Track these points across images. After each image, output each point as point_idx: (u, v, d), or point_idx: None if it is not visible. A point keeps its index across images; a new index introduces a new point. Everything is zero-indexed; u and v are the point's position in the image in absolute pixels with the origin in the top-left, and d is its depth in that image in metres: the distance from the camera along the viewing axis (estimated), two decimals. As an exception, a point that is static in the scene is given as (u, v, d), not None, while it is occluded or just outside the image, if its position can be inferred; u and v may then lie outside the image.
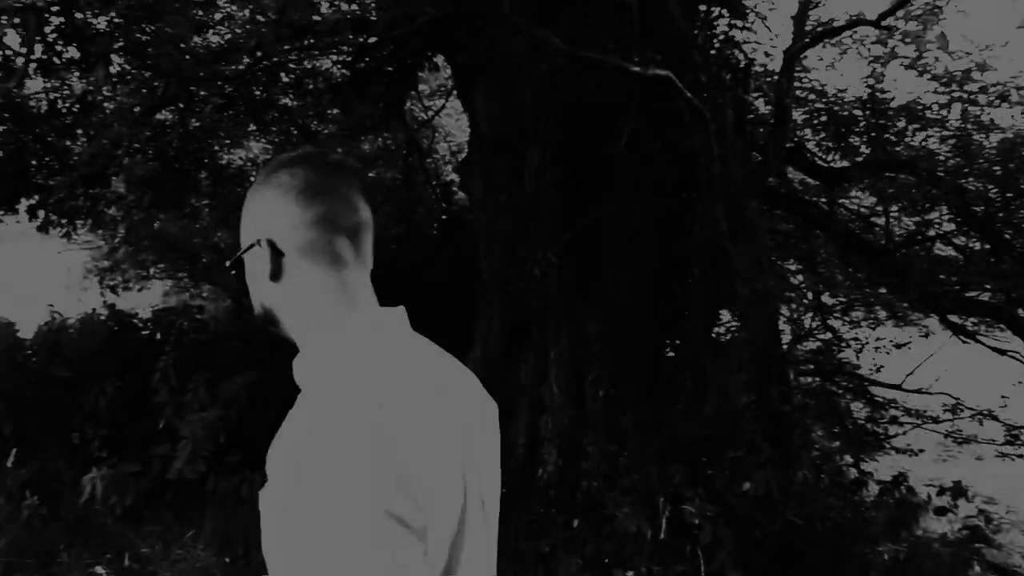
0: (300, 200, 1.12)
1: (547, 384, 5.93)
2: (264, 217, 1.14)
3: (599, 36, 4.96)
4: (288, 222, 1.12)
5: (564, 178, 5.84)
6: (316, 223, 1.12)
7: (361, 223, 1.18)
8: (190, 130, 6.50)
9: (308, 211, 1.11)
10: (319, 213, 1.12)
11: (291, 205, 1.12)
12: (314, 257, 1.12)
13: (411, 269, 7.61)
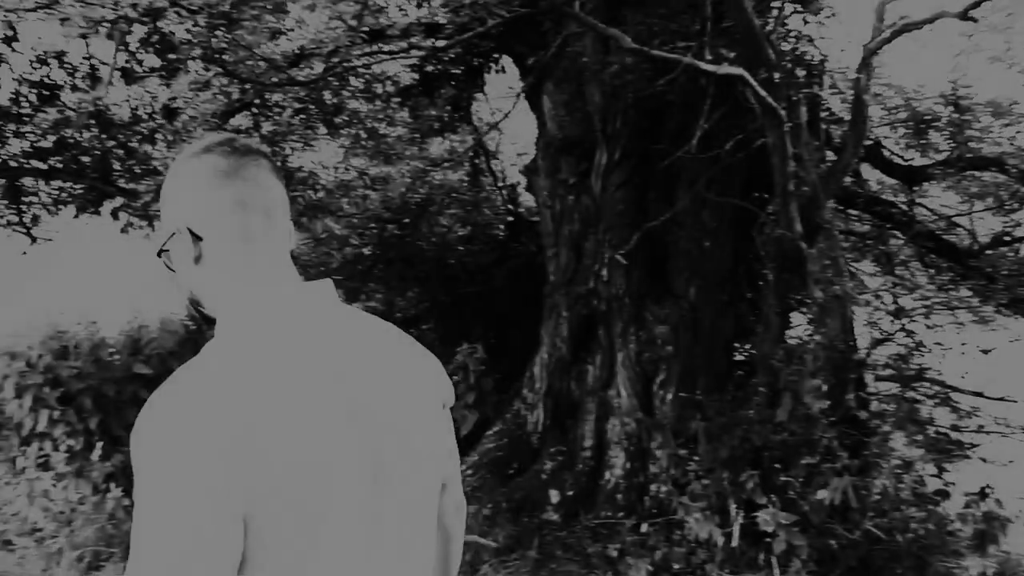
0: (212, 184, 1.16)
1: (614, 387, 5.88)
2: (180, 204, 1.18)
3: (668, 34, 4.90)
4: (203, 207, 1.15)
5: (632, 178, 5.79)
6: (228, 205, 1.15)
7: (273, 202, 1.20)
8: (263, 134, 6.66)
9: (220, 194, 1.15)
10: (230, 195, 1.15)
11: (203, 191, 1.16)
12: (229, 238, 1.15)
13: (478, 271, 7.65)
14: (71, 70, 7.78)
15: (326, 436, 1.03)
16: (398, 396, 1.18)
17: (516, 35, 6.26)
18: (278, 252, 1.19)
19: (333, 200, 8.27)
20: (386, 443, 1.12)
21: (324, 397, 1.06)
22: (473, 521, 5.33)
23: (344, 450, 1.05)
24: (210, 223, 1.15)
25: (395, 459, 1.13)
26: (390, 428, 1.13)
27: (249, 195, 1.17)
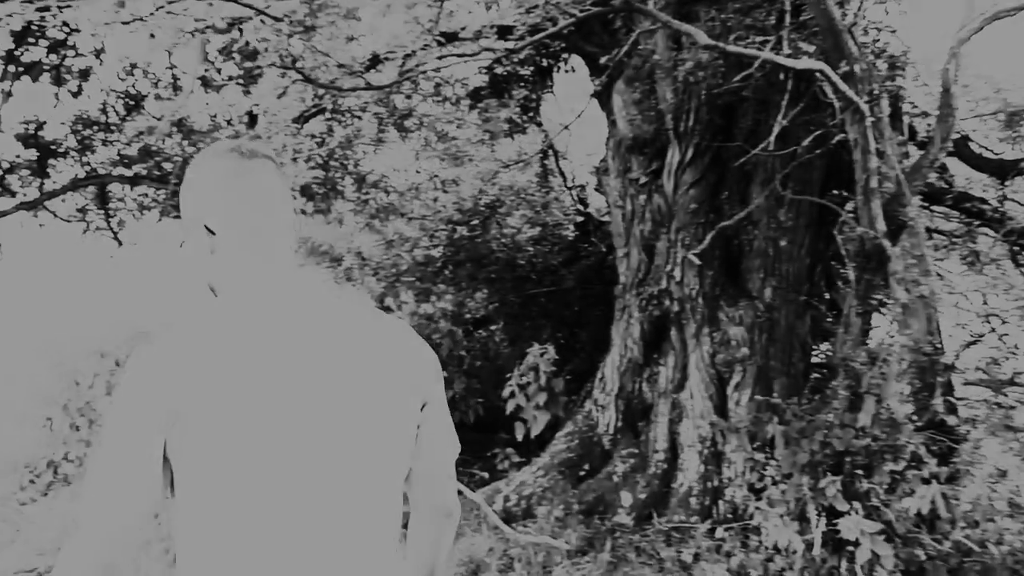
0: (222, 187, 1.36)
1: (687, 389, 5.79)
2: (197, 203, 1.38)
3: (743, 29, 4.79)
4: (215, 207, 1.35)
5: (705, 177, 5.69)
6: (236, 205, 1.35)
7: (273, 200, 1.40)
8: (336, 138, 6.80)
9: (229, 196, 1.36)
10: (238, 197, 1.36)
11: (215, 192, 1.36)
12: (237, 233, 1.35)
13: (547, 271, 7.63)
14: (155, 80, 8.10)
15: (250, 402, 1.21)
16: (343, 380, 1.30)
17: (586, 35, 6.23)
18: (278, 243, 1.39)
19: (404, 202, 8.38)
20: (318, 418, 1.25)
21: (262, 370, 1.24)
22: (544, 522, 5.33)
23: (265, 417, 1.21)
24: (222, 220, 1.35)
25: (325, 434, 1.26)
26: (326, 406, 1.26)
27: (254, 195, 1.37)
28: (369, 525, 1.31)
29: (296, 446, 1.22)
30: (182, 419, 1.18)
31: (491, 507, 5.50)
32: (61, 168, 8.39)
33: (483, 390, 7.14)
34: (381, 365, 1.35)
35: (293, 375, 1.25)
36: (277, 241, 1.38)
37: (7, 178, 8.18)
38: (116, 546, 1.19)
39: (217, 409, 1.19)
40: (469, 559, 4.81)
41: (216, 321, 1.28)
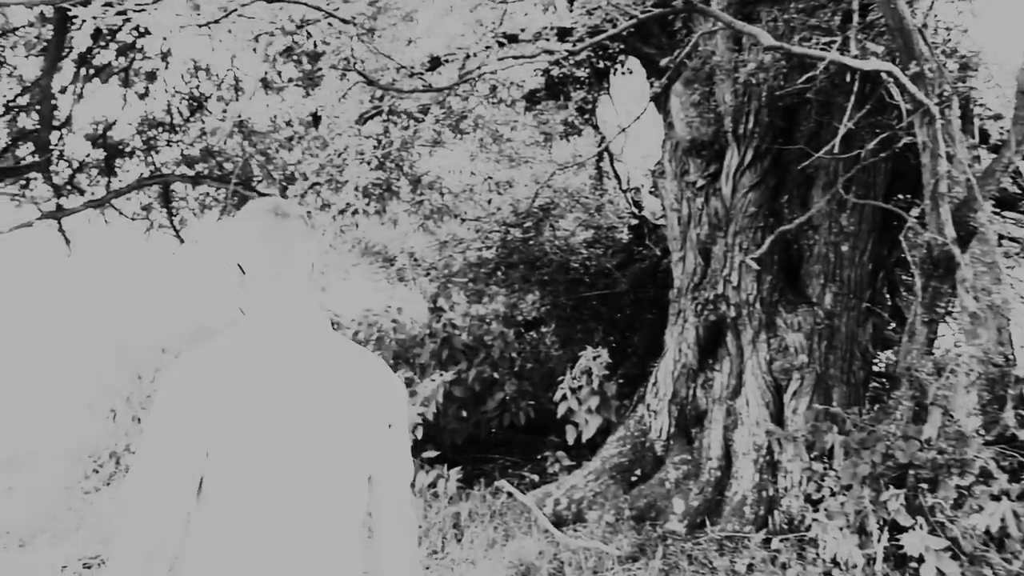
0: (255, 240, 1.75)
1: (743, 396, 5.69)
2: (235, 247, 1.77)
3: (807, 30, 4.69)
4: (248, 254, 1.75)
5: (764, 180, 5.59)
6: (266, 257, 1.75)
7: (295, 254, 1.79)
8: (393, 140, 6.85)
9: (260, 247, 1.75)
10: (268, 250, 1.75)
11: (250, 243, 1.75)
12: (261, 276, 1.74)
13: (600, 274, 7.58)
14: (217, 82, 8.29)
15: (261, 422, 1.59)
16: (333, 408, 1.70)
17: (644, 36, 6.17)
18: (292, 288, 1.76)
19: (458, 204, 8.41)
20: (311, 439, 1.64)
21: (269, 394, 1.62)
22: (595, 527, 5.29)
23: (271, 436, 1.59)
24: (251, 266, 1.74)
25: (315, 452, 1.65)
26: (319, 429, 1.66)
27: (279, 251, 1.76)
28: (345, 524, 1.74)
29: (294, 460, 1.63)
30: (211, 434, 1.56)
31: (541, 510, 5.48)
32: (127, 167, 8.64)
33: (534, 393, 7.13)
34: (363, 394, 1.77)
35: (295, 401, 1.66)
36: (292, 286, 1.77)
37: (77, 177, 8.46)
38: (164, 531, 1.53)
39: (236, 428, 1.58)
40: (519, 561, 4.79)
41: (234, 353, 1.67)
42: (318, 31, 3.00)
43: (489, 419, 6.78)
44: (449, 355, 6.94)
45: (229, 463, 1.56)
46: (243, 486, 1.58)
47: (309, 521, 1.66)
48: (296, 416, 1.63)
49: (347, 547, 1.73)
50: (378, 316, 7.27)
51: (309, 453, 1.64)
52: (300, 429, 1.63)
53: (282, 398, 1.63)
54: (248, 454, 1.57)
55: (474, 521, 5.30)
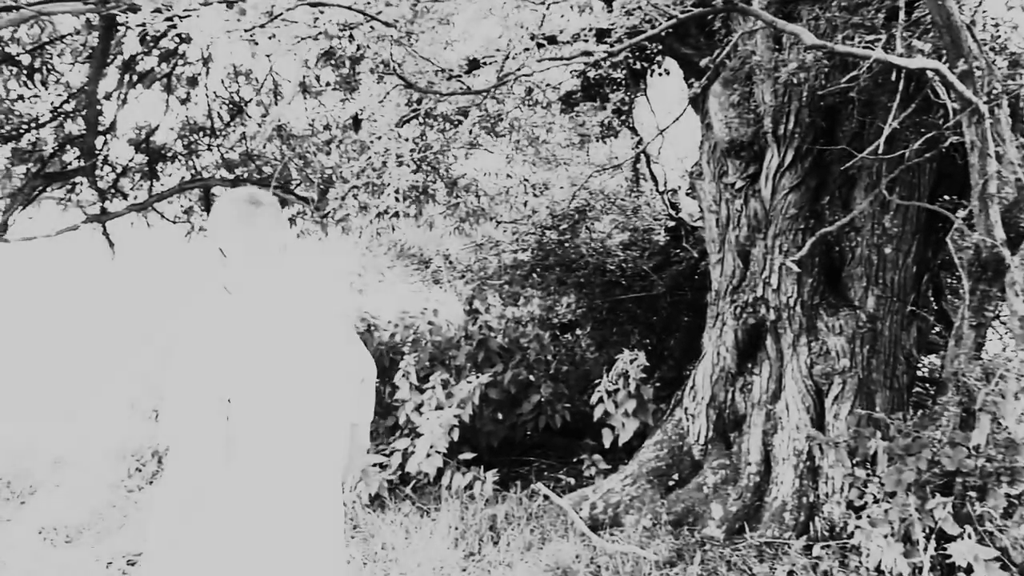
0: (233, 226, 2.07)
1: (782, 400, 5.61)
2: (216, 233, 2.09)
3: (850, 28, 4.61)
4: (228, 238, 2.07)
5: (805, 181, 5.50)
6: (241, 239, 2.05)
7: (268, 236, 2.10)
8: (429, 143, 6.88)
9: (236, 233, 2.06)
10: (243, 235, 2.06)
11: (228, 229, 2.07)
12: (239, 254, 2.04)
13: (637, 276, 7.53)
14: (257, 87, 8.40)
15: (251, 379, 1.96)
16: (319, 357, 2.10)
17: (682, 37, 6.13)
18: (268, 262, 2.08)
19: (494, 206, 8.42)
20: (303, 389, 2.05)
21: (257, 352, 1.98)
22: (632, 531, 5.25)
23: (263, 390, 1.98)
24: (230, 247, 2.06)
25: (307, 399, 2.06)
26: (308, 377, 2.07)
27: (254, 234, 2.06)
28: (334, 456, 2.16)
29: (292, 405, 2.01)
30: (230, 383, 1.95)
31: (578, 514, 5.46)
32: (169, 171, 8.80)
33: (569, 396, 7.11)
34: (338, 354, 2.17)
35: (281, 354, 2.03)
36: (267, 261, 2.09)
37: (120, 181, 8.63)
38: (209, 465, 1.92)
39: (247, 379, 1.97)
40: (556, 565, 4.77)
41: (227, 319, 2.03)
42: (359, 35, 3.02)
43: (525, 422, 6.77)
44: (485, 357, 6.95)
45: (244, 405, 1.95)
46: (255, 423, 1.96)
47: (308, 453, 2.06)
48: (288, 371, 2.03)
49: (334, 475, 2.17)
50: (414, 318, 7.31)
51: (302, 399, 2.04)
52: (294, 382, 2.03)
53: (275, 356, 2.01)
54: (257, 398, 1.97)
55: (510, 524, 5.29)
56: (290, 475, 2.01)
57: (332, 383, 2.12)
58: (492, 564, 4.77)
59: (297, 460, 2.04)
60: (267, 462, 1.98)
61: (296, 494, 2.02)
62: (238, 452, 1.93)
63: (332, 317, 2.19)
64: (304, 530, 2.04)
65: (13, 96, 7.78)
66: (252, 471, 1.96)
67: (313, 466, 2.07)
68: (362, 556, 4.81)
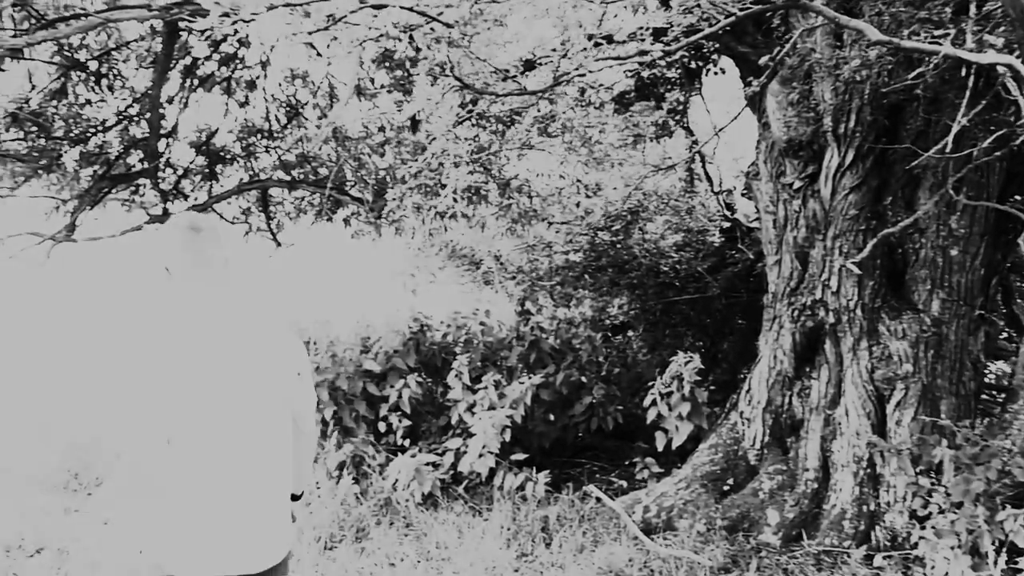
0: (177, 249, 2.35)
1: (842, 405, 5.47)
2: (161, 254, 2.37)
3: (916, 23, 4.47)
4: (172, 259, 2.35)
5: (866, 181, 5.36)
6: (187, 260, 2.35)
7: (211, 255, 2.38)
8: (483, 144, 6.90)
9: (181, 256, 2.35)
10: (189, 257, 2.35)
11: (173, 251, 2.36)
12: (182, 271, 2.35)
13: (691, 278, 7.43)
14: (313, 90, 8.54)
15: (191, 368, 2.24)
16: (253, 354, 2.36)
17: (738, 35, 6.03)
18: (209, 277, 2.37)
19: (546, 207, 8.41)
20: (237, 378, 2.30)
21: (196, 347, 2.26)
22: (686, 536, 5.18)
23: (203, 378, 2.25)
24: (174, 267, 2.35)
25: (244, 388, 2.31)
26: (243, 369, 2.32)
27: (195, 255, 2.35)
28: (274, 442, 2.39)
29: (219, 396, 2.26)
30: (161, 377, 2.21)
31: (631, 517, 5.41)
32: (228, 173, 9.00)
33: (621, 398, 7.05)
34: (275, 353, 2.42)
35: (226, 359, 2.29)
36: (209, 274, 2.36)
37: (181, 182, 8.86)
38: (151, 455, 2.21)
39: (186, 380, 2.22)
40: (608, 568, 4.74)
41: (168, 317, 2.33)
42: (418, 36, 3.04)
43: (576, 423, 6.74)
44: (537, 358, 6.94)
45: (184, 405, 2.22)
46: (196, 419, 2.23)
47: (247, 445, 2.31)
48: (229, 369, 2.29)
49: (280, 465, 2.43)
50: (466, 319, 7.33)
51: (242, 394, 2.30)
52: (234, 380, 2.29)
53: (215, 357, 2.27)
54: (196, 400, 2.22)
55: (562, 525, 5.27)
56: (235, 459, 2.29)
57: (268, 374, 2.38)
58: (544, 565, 4.76)
59: (242, 445, 2.30)
60: (215, 446, 2.26)
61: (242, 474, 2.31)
62: (188, 437, 2.23)
63: (269, 318, 2.47)
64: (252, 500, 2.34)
65: (81, 101, 8.06)
66: (202, 454, 2.25)
67: (257, 451, 2.34)
68: (416, 554, 4.84)
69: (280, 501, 2.45)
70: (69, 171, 8.14)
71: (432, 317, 7.45)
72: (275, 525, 2.41)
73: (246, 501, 2.32)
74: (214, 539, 2.27)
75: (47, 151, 7.77)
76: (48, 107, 7.75)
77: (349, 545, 5.01)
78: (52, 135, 7.73)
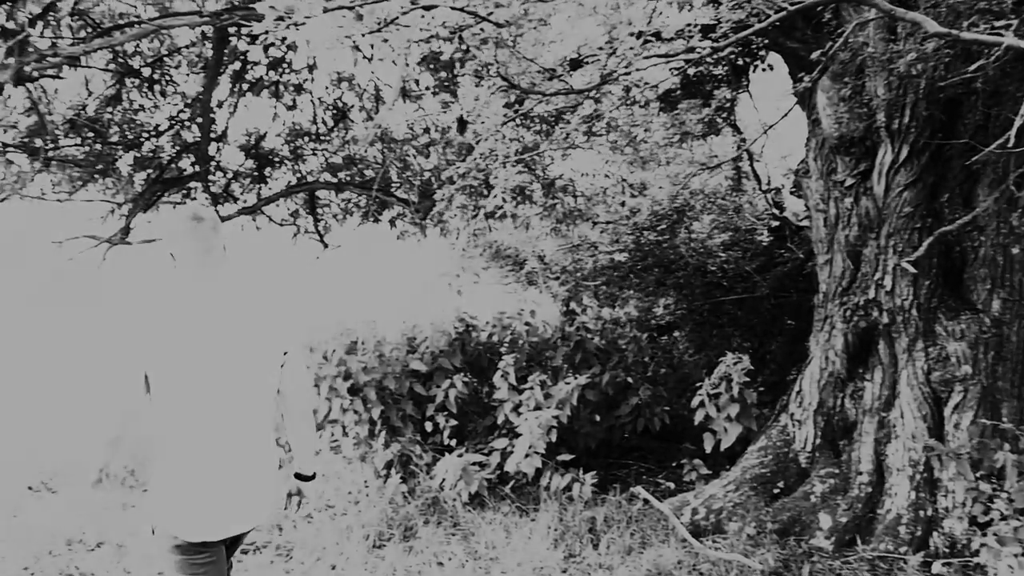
0: (181, 236, 2.64)
1: (897, 408, 5.34)
2: (167, 241, 2.67)
3: (974, 14, 4.34)
4: (176, 245, 2.65)
5: (921, 177, 5.23)
6: (189, 246, 2.63)
7: (210, 242, 2.67)
8: (527, 144, 6.90)
9: (184, 242, 2.64)
10: (191, 243, 2.63)
11: (177, 238, 2.65)
12: (186, 257, 2.64)
13: (739, 278, 7.32)
14: (359, 92, 8.63)
15: (191, 342, 2.52)
16: (246, 333, 2.65)
17: (787, 30, 5.92)
18: (209, 261, 2.66)
19: (590, 207, 8.36)
20: (232, 354, 2.59)
21: (196, 325, 2.55)
22: (735, 539, 5.12)
23: (200, 352, 2.53)
24: (179, 251, 2.65)
25: (237, 363, 2.61)
26: (236, 346, 2.61)
27: (197, 242, 2.64)
28: (261, 416, 2.72)
29: (215, 369, 2.56)
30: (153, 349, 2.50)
31: (679, 519, 5.36)
32: (276, 176, 9.14)
33: (668, 398, 6.99)
34: (264, 330, 2.71)
35: (212, 332, 2.56)
36: (208, 260, 2.66)
37: (231, 185, 9.03)
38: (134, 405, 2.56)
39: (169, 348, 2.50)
40: (656, 570, 4.70)
41: (171, 296, 2.61)
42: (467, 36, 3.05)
43: (623, 424, 6.69)
44: (582, 359, 6.92)
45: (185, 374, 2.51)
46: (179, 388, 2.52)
47: (240, 412, 2.62)
48: (223, 343, 2.57)
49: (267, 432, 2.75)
50: (511, 319, 7.33)
51: (236, 366, 2.59)
52: (228, 352, 2.57)
53: (203, 328, 2.55)
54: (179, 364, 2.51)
55: (610, 527, 5.24)
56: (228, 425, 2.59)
57: (257, 348, 2.67)
58: (592, 567, 4.74)
59: (235, 412, 2.61)
60: (211, 413, 2.55)
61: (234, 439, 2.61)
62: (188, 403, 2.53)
63: (262, 299, 2.75)
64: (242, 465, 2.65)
65: (135, 106, 8.26)
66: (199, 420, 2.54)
67: (247, 418, 2.65)
68: (464, 554, 4.86)
69: (267, 466, 2.76)
70: (123, 175, 8.35)
71: (477, 317, 7.47)
72: (264, 487, 2.74)
73: (238, 465, 2.63)
74: (213, 502, 2.58)
75: (103, 156, 7.98)
76: (104, 113, 7.96)
77: (397, 544, 5.05)
78: (108, 140, 7.94)
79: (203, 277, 2.64)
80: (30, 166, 7.48)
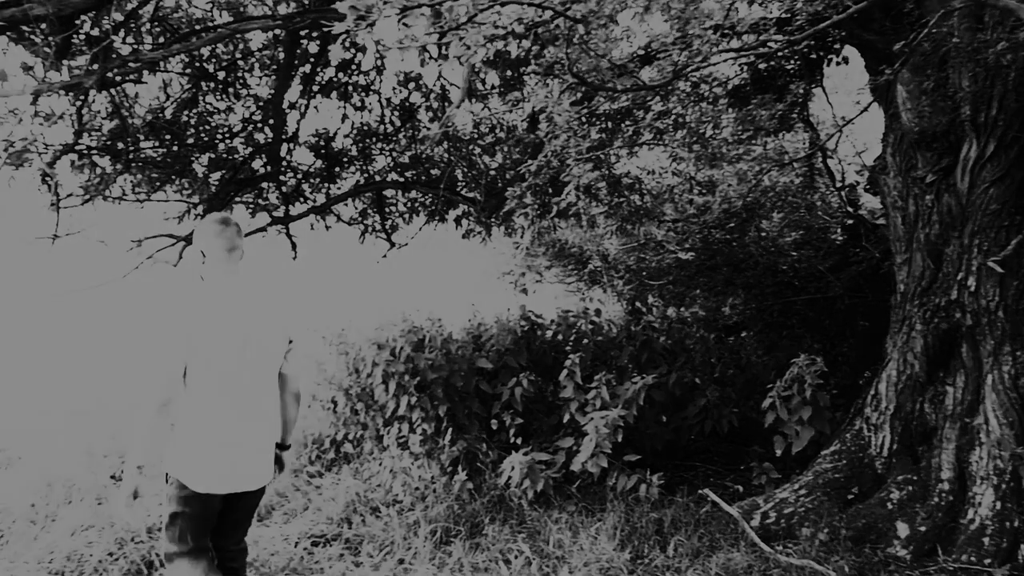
0: (212, 236, 3.21)
1: (981, 413, 5.12)
2: (198, 241, 3.23)
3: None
4: (206, 244, 3.21)
5: (1009, 173, 5.00)
6: (218, 246, 3.20)
7: (235, 245, 3.24)
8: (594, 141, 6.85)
9: (214, 242, 3.20)
10: (219, 243, 3.20)
11: (208, 238, 3.21)
12: (213, 256, 3.21)
13: (811, 277, 7.13)
14: (426, 92, 8.71)
15: (218, 332, 3.06)
16: (260, 323, 3.20)
17: (864, 22, 5.74)
18: (234, 259, 3.24)
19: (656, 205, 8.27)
20: (250, 341, 3.15)
21: (222, 316, 3.09)
22: (808, 545, 4.99)
23: (226, 340, 3.07)
24: (208, 251, 3.20)
25: (253, 349, 3.17)
26: (253, 334, 3.17)
27: (224, 243, 3.20)
28: (270, 393, 3.31)
29: (236, 354, 3.09)
30: (190, 341, 2.99)
31: (749, 523, 5.25)
32: (345, 175, 9.30)
33: (736, 400, 6.85)
34: (274, 320, 3.26)
35: (235, 322, 3.09)
36: (233, 258, 3.23)
37: (302, 185, 9.23)
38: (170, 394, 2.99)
39: (203, 338, 3.01)
40: (726, 574, 4.61)
41: (203, 296, 3.11)
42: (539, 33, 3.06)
43: (690, 425, 6.59)
44: (648, 358, 6.84)
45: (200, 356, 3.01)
46: (208, 370, 3.03)
47: (253, 389, 3.18)
48: (236, 329, 3.09)
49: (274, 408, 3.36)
50: (576, 317, 7.30)
51: (251, 350, 3.14)
52: (245, 339, 3.11)
53: (228, 319, 3.07)
54: (210, 350, 3.01)
55: (678, 529, 5.17)
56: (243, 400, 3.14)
57: (269, 336, 3.23)
58: (660, 569, 4.68)
59: (249, 388, 3.16)
60: (229, 388, 3.09)
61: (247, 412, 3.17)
62: (211, 379, 3.05)
63: (271, 296, 3.24)
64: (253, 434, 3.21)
65: (210, 109, 8.51)
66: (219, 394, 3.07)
67: (258, 394, 3.21)
68: (530, 552, 4.85)
69: (269, 440, 3.33)
70: (199, 176, 8.61)
71: (542, 316, 7.46)
72: (267, 455, 3.31)
73: (249, 435, 3.19)
74: (221, 465, 3.12)
75: (180, 157, 8.25)
76: (181, 116, 8.23)
77: (464, 540, 5.08)
78: (184, 142, 8.20)
79: (227, 272, 3.20)
80: (113, 168, 7.79)
